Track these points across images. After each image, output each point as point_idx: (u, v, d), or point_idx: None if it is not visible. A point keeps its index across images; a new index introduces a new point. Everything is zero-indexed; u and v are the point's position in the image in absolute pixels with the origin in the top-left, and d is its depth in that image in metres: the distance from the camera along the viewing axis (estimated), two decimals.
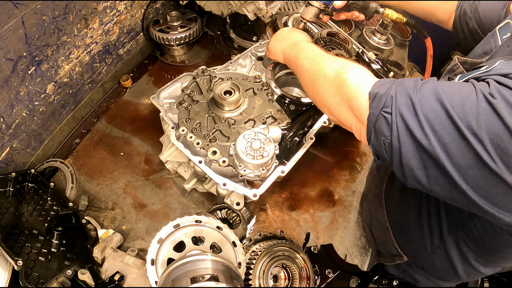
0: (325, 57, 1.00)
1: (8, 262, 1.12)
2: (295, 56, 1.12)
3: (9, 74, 1.24)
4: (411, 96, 0.69)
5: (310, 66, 1.00)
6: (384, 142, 0.73)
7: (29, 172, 1.37)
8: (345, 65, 0.89)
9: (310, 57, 1.04)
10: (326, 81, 0.91)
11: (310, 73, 0.99)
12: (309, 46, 1.11)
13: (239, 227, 1.27)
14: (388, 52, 2.29)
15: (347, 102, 0.84)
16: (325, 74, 0.92)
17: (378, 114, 0.73)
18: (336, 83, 0.87)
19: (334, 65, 0.92)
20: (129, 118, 1.70)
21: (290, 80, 1.63)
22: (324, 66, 0.95)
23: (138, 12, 1.83)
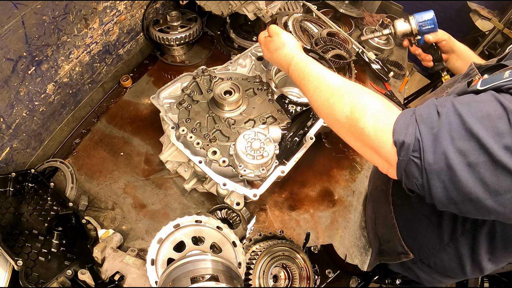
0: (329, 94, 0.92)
1: (8, 262, 1.12)
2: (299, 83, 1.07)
3: (9, 74, 1.24)
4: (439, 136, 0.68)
5: (319, 106, 0.95)
6: (416, 183, 0.73)
7: (29, 172, 1.37)
8: (356, 108, 0.83)
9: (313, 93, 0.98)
10: (342, 128, 0.88)
11: (323, 114, 0.95)
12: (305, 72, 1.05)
13: (239, 227, 1.27)
14: (388, 52, 2.30)
15: (371, 149, 0.82)
16: (338, 120, 0.88)
17: (408, 160, 0.72)
18: (353, 131, 0.84)
19: (343, 109, 0.86)
20: (129, 118, 1.70)
21: (290, 80, 1.63)
22: (333, 109, 0.89)
23: (138, 12, 1.83)
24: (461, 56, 1.53)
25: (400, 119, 0.75)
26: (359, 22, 2.52)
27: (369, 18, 2.55)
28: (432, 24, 1.50)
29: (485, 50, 3.26)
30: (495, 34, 3.16)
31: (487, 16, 3.22)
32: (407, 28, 1.55)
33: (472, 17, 3.32)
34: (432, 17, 1.49)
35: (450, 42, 1.53)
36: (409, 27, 1.54)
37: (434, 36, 1.52)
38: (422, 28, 1.51)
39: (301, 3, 2.32)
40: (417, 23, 1.52)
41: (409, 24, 1.53)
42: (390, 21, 2.21)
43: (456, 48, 1.53)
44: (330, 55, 1.86)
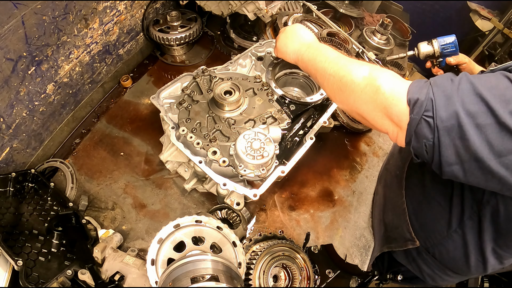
0: (349, 61, 0.95)
1: (8, 262, 1.12)
2: (312, 59, 1.07)
3: (9, 74, 1.24)
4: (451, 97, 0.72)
5: (334, 71, 0.95)
6: (426, 144, 0.76)
7: (29, 172, 1.37)
8: (374, 71, 0.86)
9: (332, 61, 0.99)
10: (357, 88, 0.87)
11: (336, 79, 0.94)
12: (326, 48, 1.07)
13: (239, 227, 1.27)
14: (388, 52, 2.29)
15: (383, 109, 0.83)
16: (353, 81, 0.88)
17: (420, 119, 0.75)
18: (368, 90, 0.85)
19: (362, 70, 0.88)
20: (129, 118, 1.70)
21: (290, 80, 1.63)
22: (351, 71, 0.90)
23: (138, 12, 1.83)
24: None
25: (415, 82, 0.79)
26: (359, 22, 2.52)
27: (369, 18, 2.55)
28: (454, 48, 1.60)
29: (485, 50, 3.26)
30: (495, 34, 3.16)
31: (487, 16, 3.23)
32: (430, 50, 1.64)
33: (472, 17, 3.32)
34: (453, 40, 1.59)
35: (470, 65, 1.62)
36: (432, 49, 1.63)
37: (455, 58, 1.61)
38: (444, 50, 1.60)
39: (301, 3, 2.32)
40: (440, 46, 1.61)
41: (432, 47, 1.62)
42: (390, 21, 2.21)
43: (475, 71, 1.61)
44: None
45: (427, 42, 1.66)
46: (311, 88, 1.58)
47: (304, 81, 1.61)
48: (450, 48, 1.59)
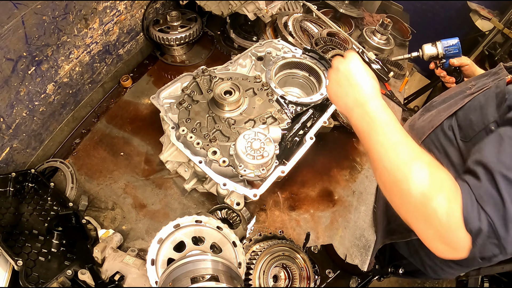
0: (409, 157, 0.82)
1: (8, 262, 1.12)
2: (366, 131, 0.92)
3: (9, 74, 1.24)
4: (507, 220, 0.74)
5: (391, 169, 0.83)
6: (493, 253, 0.79)
7: (29, 172, 1.37)
8: (434, 185, 0.77)
9: (389, 150, 0.84)
10: (411, 202, 0.79)
11: (390, 178, 0.83)
12: (382, 121, 0.89)
13: (239, 227, 1.27)
14: (388, 52, 2.30)
15: (437, 233, 0.77)
16: (409, 192, 0.78)
17: (486, 245, 0.75)
18: (423, 211, 0.77)
19: (421, 183, 0.78)
20: (129, 118, 1.70)
21: (290, 80, 1.63)
22: (409, 180, 0.79)
23: (138, 12, 1.83)
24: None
25: (467, 205, 0.75)
26: (359, 22, 2.52)
27: (369, 18, 2.55)
28: (457, 50, 1.65)
29: (485, 50, 3.26)
30: (495, 34, 3.16)
31: (487, 16, 3.22)
32: (434, 51, 1.68)
33: (472, 17, 3.32)
34: (457, 42, 1.64)
35: (472, 67, 1.65)
36: (436, 51, 1.68)
37: (458, 60, 1.64)
38: (447, 52, 1.65)
39: (301, 3, 2.32)
40: (443, 48, 1.66)
41: (436, 48, 1.67)
42: (390, 21, 2.21)
43: (477, 73, 1.64)
44: (330, 55, 1.86)
45: (431, 44, 1.70)
46: (311, 88, 1.58)
47: (304, 81, 1.61)
48: (453, 50, 1.64)
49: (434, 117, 1.28)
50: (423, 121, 1.35)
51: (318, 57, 1.54)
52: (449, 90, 1.42)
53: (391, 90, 2.13)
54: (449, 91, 1.40)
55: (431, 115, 1.32)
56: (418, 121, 1.40)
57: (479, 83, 1.21)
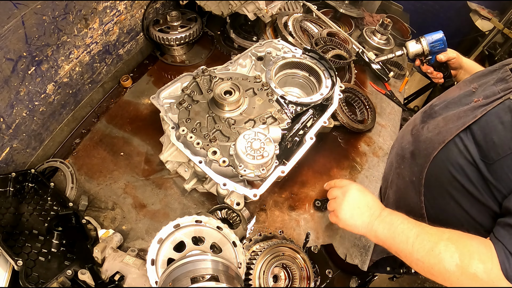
0: (433, 242, 0.93)
1: (8, 262, 1.12)
2: (390, 237, 1.03)
3: (9, 74, 1.24)
4: None
5: (423, 257, 0.94)
6: None
7: (29, 172, 1.37)
8: (465, 257, 0.88)
9: (415, 242, 0.96)
10: (452, 277, 0.89)
11: (425, 265, 0.94)
12: (399, 222, 1.03)
13: (239, 227, 1.27)
14: (388, 52, 2.29)
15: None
16: (447, 270, 0.89)
17: None
18: (464, 279, 0.87)
19: (452, 258, 0.89)
20: (129, 118, 1.70)
21: (290, 80, 1.63)
22: (442, 260, 0.90)
23: (138, 12, 1.83)
24: (469, 70, 1.61)
25: (505, 262, 0.84)
26: (359, 22, 2.52)
27: (369, 18, 2.55)
28: (442, 45, 1.60)
29: (485, 50, 3.26)
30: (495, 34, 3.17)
31: (487, 16, 3.23)
32: (419, 48, 1.64)
33: (472, 17, 3.32)
34: (441, 37, 1.59)
35: (459, 59, 1.61)
36: (421, 48, 1.63)
37: (445, 55, 1.61)
38: (433, 48, 1.61)
39: (301, 3, 2.32)
40: (428, 44, 1.61)
41: (421, 45, 1.63)
42: (390, 21, 2.21)
43: (464, 64, 1.62)
44: (330, 55, 1.86)
45: (416, 41, 1.65)
46: (311, 88, 1.58)
47: (304, 81, 1.61)
48: (438, 46, 1.60)
49: (442, 128, 1.21)
50: (429, 131, 1.28)
51: (318, 57, 1.54)
52: (449, 92, 1.37)
53: (391, 90, 2.13)
54: (448, 93, 1.35)
55: (437, 126, 1.25)
56: (423, 131, 1.33)
57: (485, 90, 1.14)
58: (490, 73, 1.21)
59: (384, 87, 2.14)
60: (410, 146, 1.37)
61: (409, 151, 1.38)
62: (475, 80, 1.25)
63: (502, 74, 1.12)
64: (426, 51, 1.62)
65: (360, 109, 1.93)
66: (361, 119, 1.87)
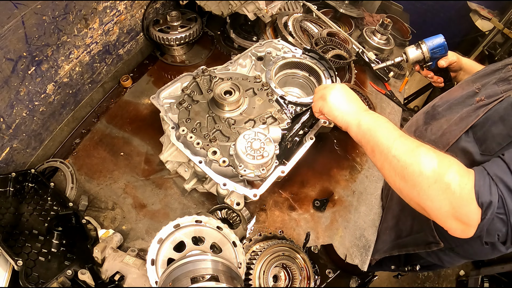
0: (415, 144, 0.89)
1: (8, 262, 1.12)
2: (372, 128, 0.99)
3: (9, 74, 1.24)
4: None
5: (400, 154, 0.88)
6: (499, 235, 0.83)
7: (29, 172, 1.37)
8: (443, 163, 0.83)
9: (397, 139, 0.92)
10: (424, 182, 0.83)
11: (400, 164, 0.88)
12: (385, 121, 1.00)
13: (239, 227, 1.27)
14: (388, 52, 2.30)
15: (451, 209, 0.81)
16: (421, 172, 0.83)
17: (493, 218, 0.78)
18: (436, 187, 0.81)
19: (430, 160, 0.84)
20: (129, 118, 1.70)
21: (290, 80, 1.63)
22: (419, 160, 0.85)
23: (138, 12, 1.83)
24: (468, 71, 1.57)
25: (480, 180, 0.80)
26: (359, 22, 2.52)
27: (369, 18, 2.55)
28: (444, 50, 1.52)
29: (485, 50, 3.26)
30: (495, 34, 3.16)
31: (487, 16, 3.23)
32: (419, 55, 1.56)
33: (472, 17, 3.32)
34: (442, 41, 1.51)
35: (459, 62, 1.56)
36: (421, 54, 1.55)
37: (446, 60, 1.54)
38: (434, 54, 1.53)
39: (301, 3, 2.32)
40: (429, 50, 1.53)
41: (421, 51, 1.54)
42: (390, 21, 2.21)
43: (464, 65, 1.57)
44: (330, 55, 1.86)
45: (415, 47, 1.57)
46: (311, 88, 1.58)
47: (304, 81, 1.61)
48: (439, 51, 1.52)
49: (446, 130, 1.19)
50: (433, 134, 1.26)
51: (318, 57, 1.54)
52: (451, 92, 1.35)
53: (391, 90, 2.13)
54: (451, 93, 1.34)
55: (441, 128, 1.24)
56: (426, 133, 1.31)
57: (487, 89, 1.13)
58: (493, 72, 1.19)
59: (384, 87, 2.14)
60: None
61: None
62: (478, 80, 1.24)
63: (504, 73, 1.11)
64: (427, 57, 1.54)
65: None
66: None
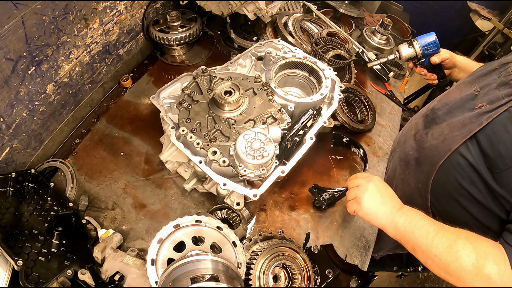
0: (452, 240, 0.95)
1: (8, 262, 1.12)
2: (409, 230, 1.03)
3: (9, 74, 1.24)
4: None
5: (440, 254, 0.95)
6: None
7: (29, 172, 1.37)
8: (480, 255, 0.89)
9: (434, 238, 0.97)
10: (467, 276, 0.90)
11: (442, 262, 0.95)
12: (420, 217, 1.04)
13: (239, 227, 1.27)
14: (388, 52, 2.30)
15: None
16: (462, 268, 0.91)
17: None
18: (479, 278, 0.89)
19: (468, 255, 0.90)
20: (129, 118, 1.70)
21: (290, 80, 1.63)
22: (459, 258, 0.91)
23: (138, 12, 1.83)
24: (463, 68, 1.61)
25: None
26: (359, 22, 2.52)
27: (369, 18, 2.55)
28: (435, 47, 1.55)
29: (485, 50, 3.26)
30: (495, 34, 3.16)
31: (487, 16, 3.22)
32: (411, 52, 1.60)
33: (472, 17, 3.32)
34: (434, 39, 1.55)
35: (452, 59, 1.59)
36: (414, 52, 1.59)
37: (439, 57, 1.57)
38: (426, 51, 1.57)
39: (301, 3, 2.32)
40: (421, 47, 1.57)
41: (413, 49, 1.59)
42: (390, 21, 2.21)
43: (457, 62, 1.60)
44: (330, 55, 1.86)
45: (408, 44, 1.62)
46: (311, 88, 1.58)
47: (304, 81, 1.61)
48: (431, 49, 1.56)
49: (448, 135, 1.19)
50: (434, 138, 1.26)
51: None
52: (449, 94, 1.34)
53: (391, 90, 2.13)
54: (449, 95, 1.33)
55: (442, 133, 1.24)
56: (427, 137, 1.31)
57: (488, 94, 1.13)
58: (490, 72, 1.19)
59: (384, 87, 2.14)
60: (414, 153, 1.36)
61: (414, 158, 1.36)
62: (475, 81, 1.23)
63: (505, 77, 1.10)
64: (419, 54, 1.59)
65: (360, 109, 1.93)
66: (361, 119, 1.87)
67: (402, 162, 1.46)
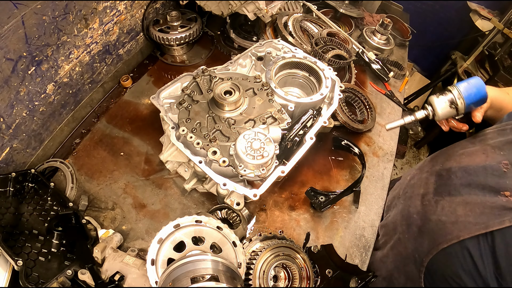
0: None
1: (8, 262, 1.12)
2: None
3: (9, 74, 1.24)
4: None
5: None
6: None
7: (29, 172, 1.37)
8: None
9: None
10: None
11: None
12: None
13: (239, 227, 1.27)
14: (388, 52, 2.30)
15: None
16: None
17: None
18: None
19: None
20: (129, 118, 1.70)
21: (290, 80, 1.63)
22: None
23: (138, 12, 1.83)
24: (497, 107, 1.28)
25: None
26: (359, 22, 2.52)
27: (369, 18, 2.55)
28: (482, 102, 1.15)
29: (485, 50, 3.26)
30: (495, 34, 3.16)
31: (487, 16, 3.22)
32: (452, 112, 1.16)
33: (472, 17, 3.32)
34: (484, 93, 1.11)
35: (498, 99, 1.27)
36: (455, 112, 1.15)
37: (483, 112, 1.19)
38: (469, 109, 1.16)
39: (301, 3, 2.32)
40: (466, 105, 1.13)
41: (456, 109, 1.13)
42: (390, 21, 2.21)
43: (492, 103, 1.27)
44: (330, 55, 1.86)
45: (448, 102, 1.15)
46: (311, 88, 1.58)
47: (304, 81, 1.61)
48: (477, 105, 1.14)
49: (460, 218, 1.03)
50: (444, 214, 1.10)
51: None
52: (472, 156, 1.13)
53: (391, 90, 2.13)
54: (471, 158, 1.13)
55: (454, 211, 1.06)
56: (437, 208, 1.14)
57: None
58: None
59: (384, 87, 2.14)
60: (418, 219, 1.23)
61: (417, 225, 1.23)
62: (505, 147, 1.03)
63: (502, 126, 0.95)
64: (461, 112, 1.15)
65: (360, 109, 1.93)
66: (361, 119, 1.87)
67: (403, 221, 1.33)
